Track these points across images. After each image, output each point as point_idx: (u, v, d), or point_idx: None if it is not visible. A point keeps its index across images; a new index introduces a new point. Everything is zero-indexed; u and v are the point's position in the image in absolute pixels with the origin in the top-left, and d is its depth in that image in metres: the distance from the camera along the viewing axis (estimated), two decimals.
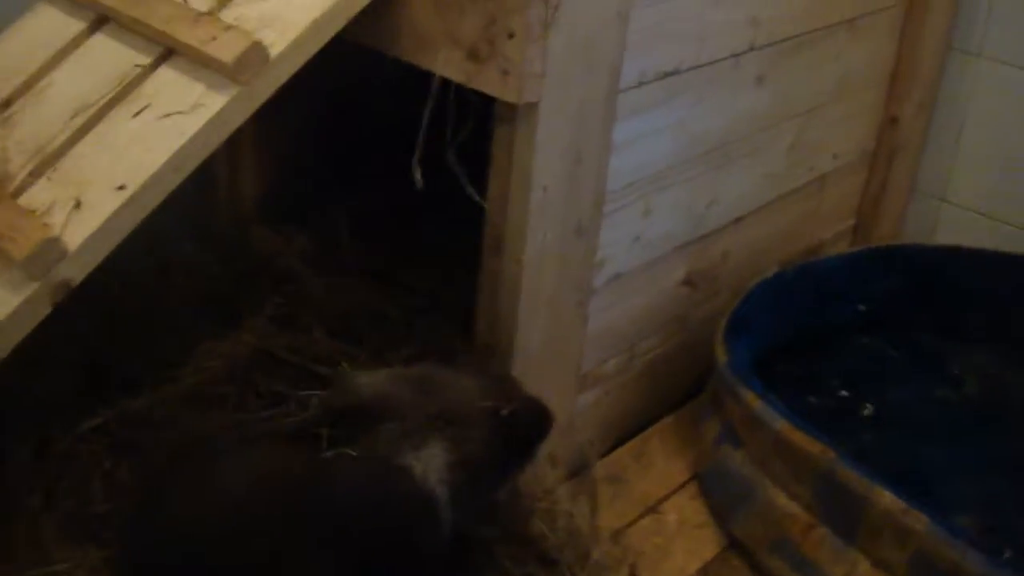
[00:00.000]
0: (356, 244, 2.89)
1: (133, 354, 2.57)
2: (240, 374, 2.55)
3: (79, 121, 2.18)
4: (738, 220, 2.99)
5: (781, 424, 2.51)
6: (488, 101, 2.25)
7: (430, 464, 2.05)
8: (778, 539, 2.53)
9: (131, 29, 2.30)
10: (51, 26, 2.41)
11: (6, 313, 1.94)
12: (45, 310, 2.00)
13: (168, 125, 2.11)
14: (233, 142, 2.41)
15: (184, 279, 2.81)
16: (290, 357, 2.57)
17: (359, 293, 2.75)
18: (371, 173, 3.02)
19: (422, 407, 2.11)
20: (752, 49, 2.72)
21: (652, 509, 2.73)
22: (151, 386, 2.52)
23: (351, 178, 3.06)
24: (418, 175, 2.27)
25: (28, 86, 2.31)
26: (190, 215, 2.94)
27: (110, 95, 2.21)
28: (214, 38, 2.14)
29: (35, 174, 2.13)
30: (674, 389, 3.05)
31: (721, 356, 2.75)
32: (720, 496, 2.73)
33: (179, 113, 2.11)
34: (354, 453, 2.04)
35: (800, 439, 2.47)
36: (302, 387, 2.46)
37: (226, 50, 2.10)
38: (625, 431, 2.89)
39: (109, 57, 2.29)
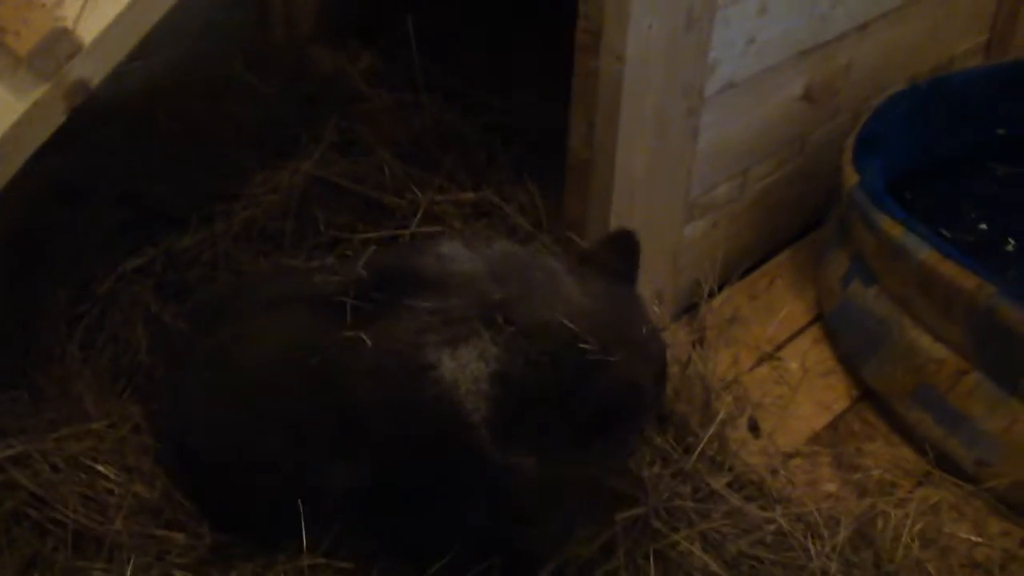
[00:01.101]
0: (427, 61, 2.50)
1: (181, 188, 2.27)
2: (297, 208, 2.25)
3: None
4: (863, 26, 2.58)
5: (927, 254, 2.15)
6: None
7: (467, 369, 1.63)
8: (920, 387, 2.20)
9: None
10: None
11: (12, 120, 1.62)
12: (59, 117, 1.68)
13: None
14: None
15: (236, 106, 2.48)
16: (353, 186, 2.25)
17: (431, 113, 2.39)
18: None
19: (485, 291, 1.68)
20: None
21: (771, 355, 2.39)
22: (200, 222, 2.24)
23: None
24: None
25: None
26: (242, 35, 2.61)
27: None
28: None
29: None
30: (791, 221, 2.69)
31: (851, 177, 2.37)
32: (850, 340, 2.38)
33: None
34: (367, 341, 1.64)
35: (951, 271, 2.11)
36: (367, 219, 2.14)
37: None
38: (738, 267, 2.53)
39: None
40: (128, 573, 1.72)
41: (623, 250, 1.84)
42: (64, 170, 2.13)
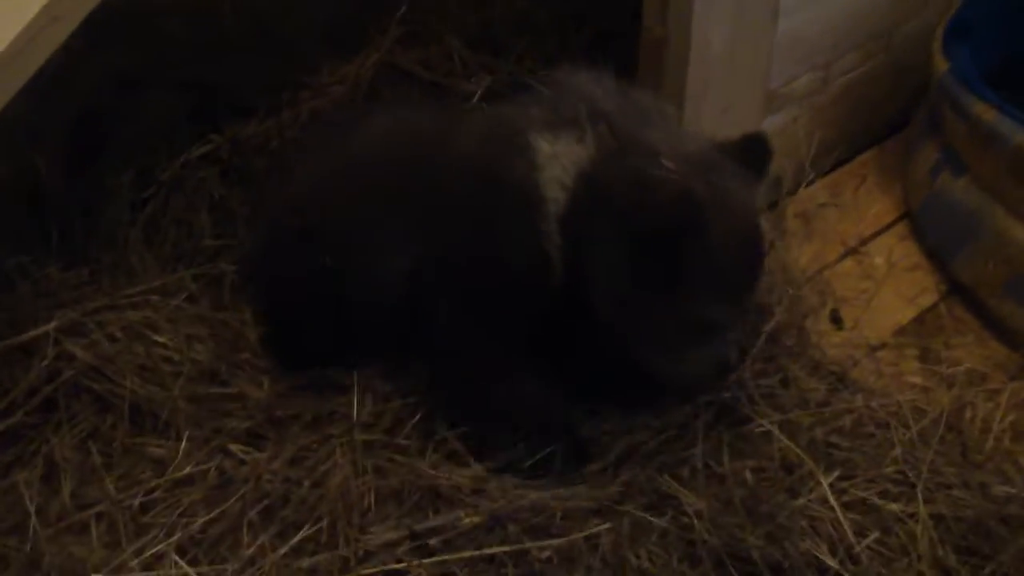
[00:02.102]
0: None
1: (246, 77, 2.23)
2: (365, 97, 2.20)
3: None
4: None
5: (1022, 137, 2.03)
6: None
7: (559, 159, 1.63)
8: (1013, 278, 2.09)
9: None
10: None
11: None
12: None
13: None
14: None
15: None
16: (422, 73, 2.19)
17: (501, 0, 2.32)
18: None
19: (598, 100, 1.68)
20: None
21: (854, 250, 2.29)
22: (266, 111, 2.20)
23: None
24: None
25: None
26: None
27: None
28: None
29: None
30: (877, 120, 2.57)
31: (941, 64, 2.26)
32: (938, 233, 2.27)
33: None
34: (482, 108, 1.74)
35: None
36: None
37: None
38: (820, 164, 2.40)
39: None
40: (182, 449, 1.72)
41: (755, 152, 1.73)
42: (127, 59, 2.12)
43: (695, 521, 1.65)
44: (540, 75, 1.83)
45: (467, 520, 1.60)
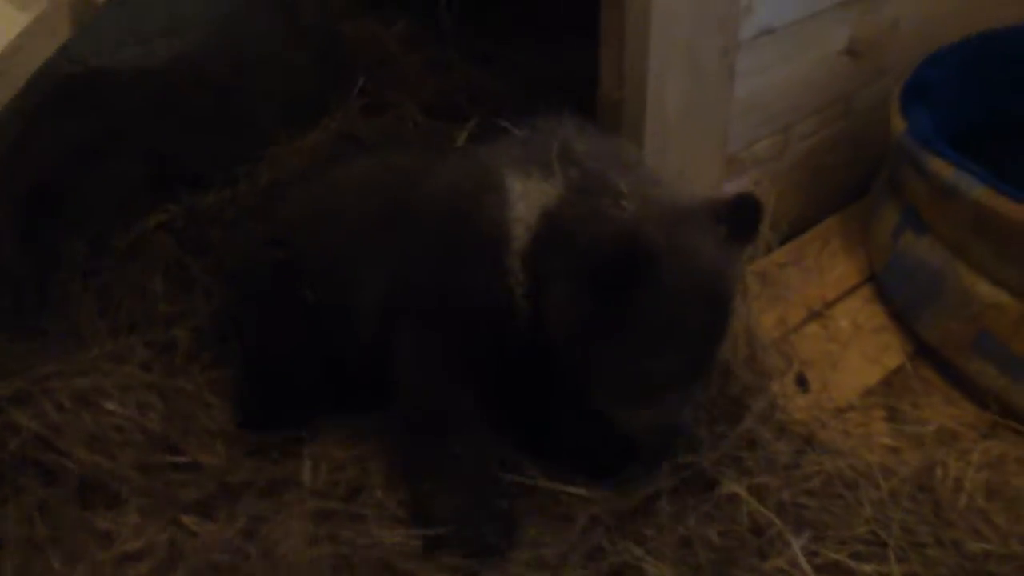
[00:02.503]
0: (461, 26, 2.45)
1: (204, 149, 2.23)
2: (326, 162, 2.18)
3: None
4: None
5: (980, 191, 2.02)
6: None
7: (527, 198, 1.63)
8: (981, 336, 2.06)
9: None
10: None
11: (15, 32, 1.56)
12: (63, 33, 1.60)
13: None
14: None
15: (264, 75, 2.42)
16: (380, 142, 2.18)
17: (460, 71, 2.34)
18: None
19: (572, 142, 1.69)
20: None
21: (819, 313, 2.27)
22: (223, 182, 2.19)
23: None
24: None
25: None
26: (275, 8, 2.57)
27: None
28: None
29: None
30: (838, 184, 2.56)
31: (898, 124, 2.26)
32: (903, 294, 2.25)
33: None
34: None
35: (1006, 207, 1.98)
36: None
37: None
38: (782, 228, 2.39)
39: None
40: (131, 523, 1.66)
41: (743, 213, 1.67)
42: (87, 130, 2.10)
43: None
44: (518, 120, 1.81)
45: None
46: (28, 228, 2.03)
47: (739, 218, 1.66)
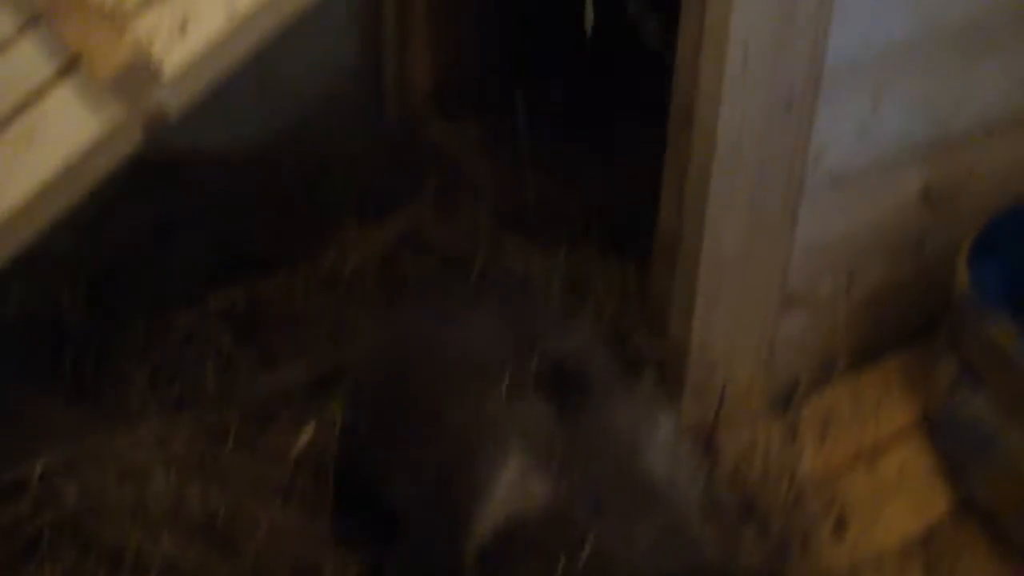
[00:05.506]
0: (534, 134, 2.51)
1: (273, 236, 2.34)
2: (385, 262, 2.29)
3: None
4: (989, 130, 2.47)
5: None
6: None
7: (508, 493, 1.55)
8: None
9: None
10: None
11: (87, 140, 1.64)
12: (133, 143, 1.68)
13: None
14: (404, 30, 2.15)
15: (341, 169, 2.52)
16: (444, 247, 2.26)
17: (533, 185, 2.40)
18: (556, 60, 2.66)
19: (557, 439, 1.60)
20: None
21: (868, 457, 2.25)
22: (287, 269, 2.28)
23: (532, 67, 2.70)
24: (589, 16, 1.89)
25: None
26: (358, 108, 2.68)
27: None
28: None
29: (144, 8, 1.84)
30: (901, 325, 2.53)
31: (963, 280, 2.25)
32: (955, 447, 2.23)
33: None
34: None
35: None
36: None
37: None
38: (840, 367, 2.39)
39: None
40: None
41: None
42: (162, 211, 2.22)
43: None
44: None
45: None
46: (94, 300, 2.14)
47: None
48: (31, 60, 1.76)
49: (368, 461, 1.82)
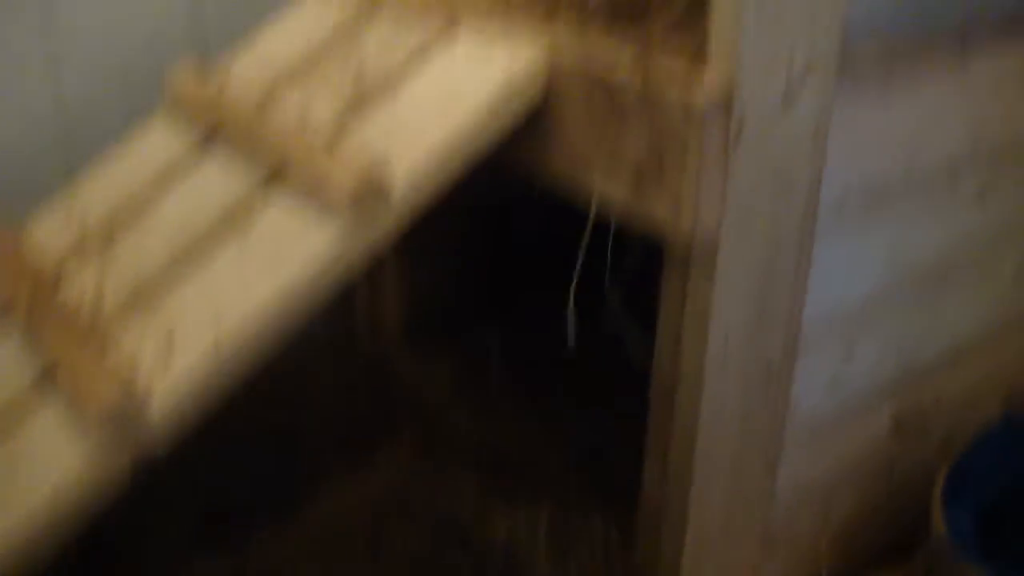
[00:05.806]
0: (507, 371, 2.54)
1: (255, 482, 2.32)
2: (371, 525, 2.28)
3: (179, 262, 1.94)
4: (955, 358, 2.52)
5: None
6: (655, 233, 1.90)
7: None
8: None
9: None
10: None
11: (75, 478, 1.66)
12: (118, 479, 1.71)
13: (275, 267, 1.83)
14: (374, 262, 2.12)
15: (317, 411, 2.52)
16: (426, 510, 2.26)
17: (510, 431, 2.41)
18: (526, 293, 2.69)
19: None
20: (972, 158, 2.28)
21: None
22: (274, 531, 2.27)
23: (504, 300, 2.73)
24: (572, 329, 1.91)
25: (133, 216, 2.08)
26: (327, 336, 2.69)
27: (216, 227, 1.96)
28: (329, 173, 1.86)
29: (126, 317, 1.88)
30: (873, 547, 2.58)
31: (939, 522, 2.28)
32: None
33: (287, 255, 1.82)
34: None
35: None
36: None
37: (339, 187, 1.82)
38: None
39: (217, 186, 2.05)
40: None
41: None
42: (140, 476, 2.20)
43: None
44: None
45: None
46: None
47: None
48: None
49: None
